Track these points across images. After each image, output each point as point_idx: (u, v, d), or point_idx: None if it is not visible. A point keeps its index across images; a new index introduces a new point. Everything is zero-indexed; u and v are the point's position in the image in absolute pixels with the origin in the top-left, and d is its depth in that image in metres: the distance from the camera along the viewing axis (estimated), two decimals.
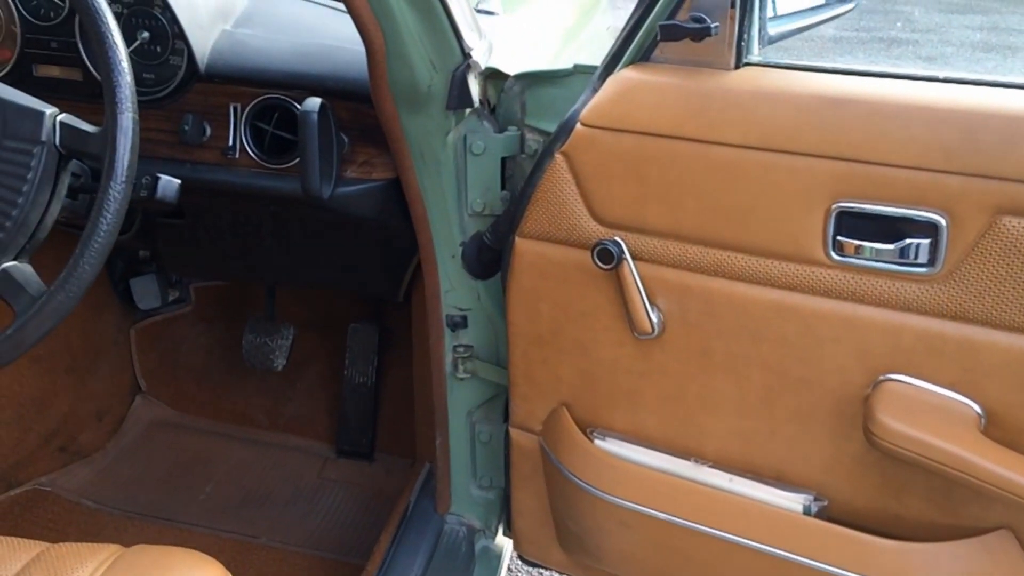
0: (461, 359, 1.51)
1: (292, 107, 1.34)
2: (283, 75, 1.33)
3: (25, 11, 1.36)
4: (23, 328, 1.02)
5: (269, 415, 2.12)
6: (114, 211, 1.03)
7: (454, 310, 1.47)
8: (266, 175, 1.37)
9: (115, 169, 1.02)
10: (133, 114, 1.03)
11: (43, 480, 1.86)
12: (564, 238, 1.25)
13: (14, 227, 1.04)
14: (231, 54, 1.35)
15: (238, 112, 1.36)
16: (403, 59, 1.17)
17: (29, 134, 1.03)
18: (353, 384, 2.01)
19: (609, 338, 1.27)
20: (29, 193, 1.03)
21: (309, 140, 1.24)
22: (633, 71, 1.16)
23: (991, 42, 6.83)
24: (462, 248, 1.42)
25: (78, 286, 1.02)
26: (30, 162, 1.03)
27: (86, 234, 1.02)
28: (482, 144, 1.33)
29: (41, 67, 1.39)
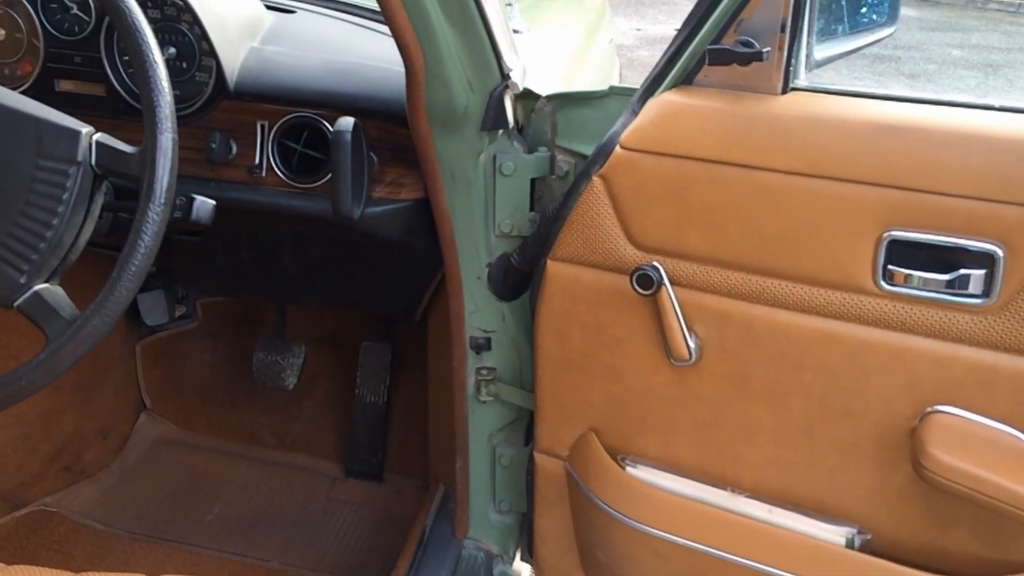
0: (484, 382, 1.48)
1: (322, 126, 1.31)
2: (314, 93, 1.30)
3: (49, 25, 1.33)
4: (56, 353, 0.99)
5: (276, 434, 2.09)
6: (152, 234, 1.00)
7: (478, 332, 1.45)
8: (293, 194, 1.34)
9: (154, 191, 0.99)
10: (173, 134, 1.01)
11: (48, 500, 1.82)
12: (598, 262, 1.23)
13: (48, 249, 1.01)
14: (261, 72, 1.32)
15: (265, 130, 1.33)
16: (441, 79, 1.15)
17: (65, 154, 1.00)
18: (364, 403, 1.98)
19: (643, 364, 1.25)
20: (64, 214, 1.00)
21: (342, 160, 1.22)
22: (676, 94, 1.14)
23: (971, 59, 6.90)
24: (488, 269, 1.40)
25: (114, 310, 0.99)
26: (65, 182, 1.00)
27: (124, 256, 0.99)
28: (512, 165, 1.31)
29: (63, 82, 1.36)
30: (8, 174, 1.00)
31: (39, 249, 1.00)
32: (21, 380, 0.99)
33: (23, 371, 0.99)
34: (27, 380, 0.99)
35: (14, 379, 0.99)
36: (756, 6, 1.05)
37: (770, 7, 1.04)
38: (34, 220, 1.00)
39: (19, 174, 1.00)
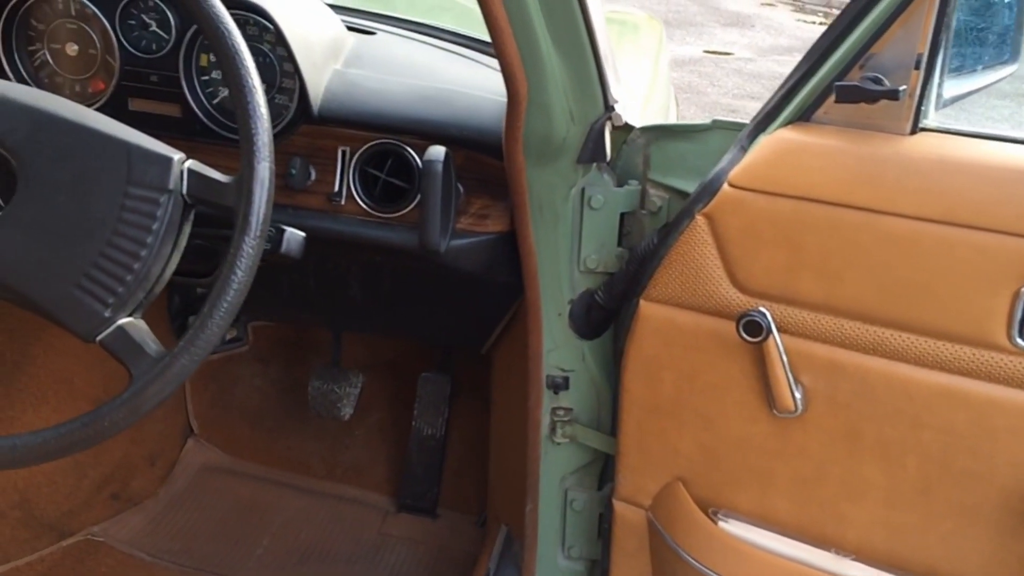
0: (560, 422, 1.42)
1: (406, 153, 1.25)
2: (402, 120, 1.25)
3: (126, 42, 1.28)
4: (141, 393, 0.93)
5: (326, 463, 2.03)
6: (246, 268, 0.94)
7: (556, 370, 1.38)
8: (374, 224, 1.28)
9: (250, 223, 0.93)
10: (270, 163, 0.95)
11: (95, 530, 1.76)
12: (697, 304, 1.17)
13: (135, 281, 0.95)
14: (345, 95, 1.27)
15: (346, 156, 1.28)
16: (543, 109, 1.10)
17: (156, 181, 0.95)
18: (421, 436, 1.91)
19: (740, 413, 1.18)
20: (153, 245, 0.95)
21: (432, 191, 1.16)
22: (793, 131, 1.08)
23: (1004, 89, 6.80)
24: (570, 306, 1.34)
25: (203, 348, 0.94)
26: (156, 212, 0.95)
27: (215, 293, 0.93)
28: (601, 198, 1.25)
29: (136, 101, 1.31)
30: (96, 201, 0.94)
31: (125, 281, 0.95)
32: (104, 420, 0.93)
33: (106, 411, 0.93)
34: (110, 420, 0.93)
35: (96, 418, 0.93)
36: (889, 40, 0.98)
37: (905, 42, 0.98)
38: (121, 251, 0.94)
39: (107, 202, 0.94)
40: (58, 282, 0.94)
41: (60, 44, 1.31)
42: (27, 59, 1.32)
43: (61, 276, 0.94)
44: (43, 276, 0.94)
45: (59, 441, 0.94)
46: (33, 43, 1.31)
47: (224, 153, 1.30)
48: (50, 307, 0.95)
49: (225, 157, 1.31)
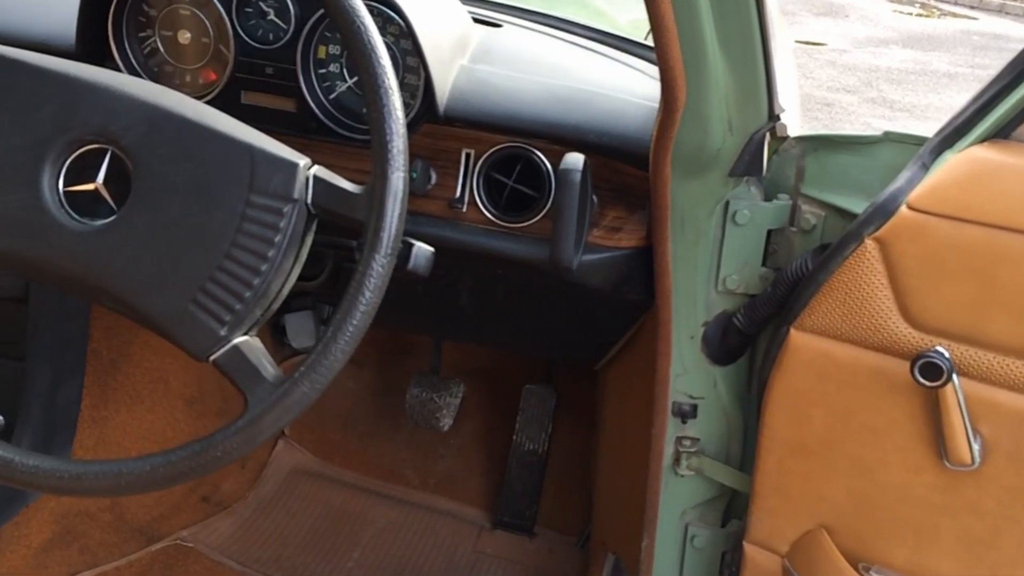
0: (685, 453, 1.30)
1: (537, 159, 1.15)
2: (535, 122, 1.14)
3: (242, 31, 1.20)
4: (257, 421, 0.85)
5: (419, 472, 1.94)
6: (375, 289, 0.85)
7: (684, 397, 1.27)
8: (497, 235, 1.18)
9: (381, 239, 0.84)
10: (404, 173, 0.86)
11: (184, 534, 1.71)
12: (858, 338, 1.04)
13: (254, 298, 0.86)
14: (473, 94, 1.17)
15: (470, 160, 1.18)
16: (700, 118, 0.98)
17: (280, 189, 0.86)
18: (522, 451, 1.82)
19: (902, 460, 1.06)
20: (275, 259, 0.86)
21: (568, 203, 1.05)
22: (988, 150, 0.95)
23: None
24: (704, 328, 1.22)
25: (326, 375, 0.85)
26: (279, 223, 0.86)
27: (341, 314, 0.84)
28: (748, 213, 1.13)
29: (249, 94, 1.23)
30: (216, 210, 0.86)
31: (244, 298, 0.86)
32: (216, 449, 0.85)
33: (220, 438, 0.85)
34: (223, 449, 0.85)
35: (209, 447, 0.85)
36: None
37: None
38: (241, 264, 0.86)
39: (227, 210, 0.86)
40: (172, 296, 0.86)
41: (172, 31, 1.24)
42: (137, 46, 1.25)
43: (175, 290, 0.86)
44: (156, 289, 0.87)
45: (167, 469, 0.86)
46: (144, 30, 1.24)
47: (340, 152, 1.22)
48: (162, 322, 0.87)
49: (340, 157, 1.22)
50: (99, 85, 0.89)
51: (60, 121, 0.88)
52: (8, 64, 0.90)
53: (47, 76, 0.89)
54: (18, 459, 0.86)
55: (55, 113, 0.88)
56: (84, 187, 0.89)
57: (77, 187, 0.89)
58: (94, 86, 0.89)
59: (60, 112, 0.88)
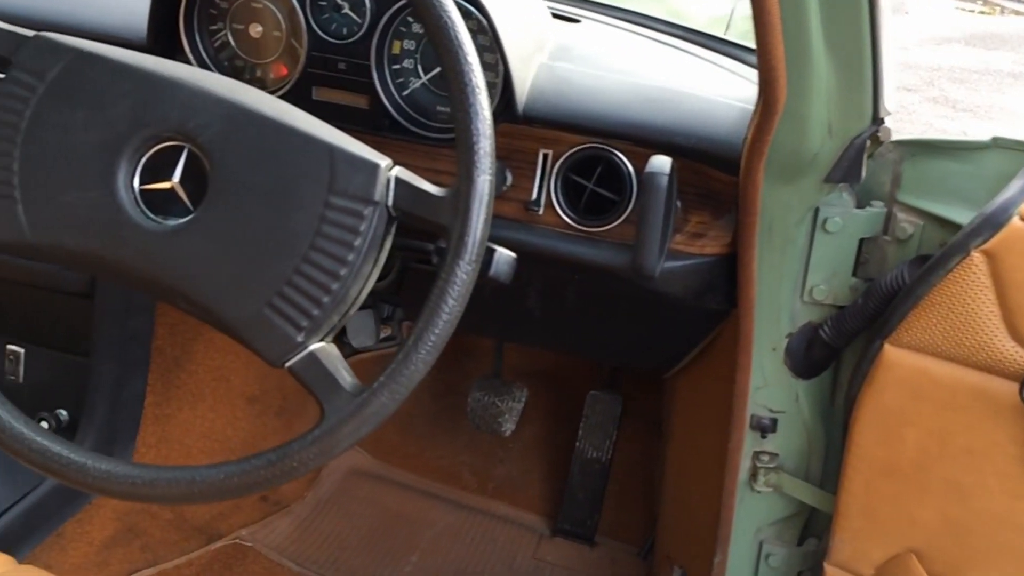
0: (763, 469, 1.25)
1: (618, 160, 1.10)
2: (619, 123, 1.09)
3: (316, 25, 1.17)
4: (334, 432, 0.82)
5: (477, 476, 1.91)
6: (459, 297, 0.81)
7: (763, 410, 1.22)
8: (574, 239, 1.14)
9: (465, 245, 0.81)
10: (491, 176, 0.82)
11: (243, 533, 1.69)
12: (960, 356, 0.98)
13: (332, 303, 0.83)
14: (554, 93, 1.12)
15: (548, 161, 1.14)
16: (798, 120, 0.93)
17: (361, 191, 0.83)
18: (585, 458, 1.77)
19: (1002, 485, 0.99)
20: (354, 264, 0.83)
21: (654, 207, 1.01)
22: None
23: None
24: (788, 340, 1.16)
25: (406, 385, 0.82)
26: (359, 226, 0.82)
27: (423, 322, 0.81)
28: (839, 221, 1.08)
29: (321, 90, 1.20)
30: (294, 211, 0.83)
31: (322, 303, 0.83)
32: (292, 459, 0.82)
33: (296, 447, 0.82)
34: (299, 460, 0.82)
35: (284, 456, 0.82)
36: None
37: None
38: (320, 268, 0.83)
39: (306, 212, 0.83)
40: (248, 300, 0.83)
41: (243, 25, 1.21)
42: (208, 40, 1.22)
43: (252, 294, 0.83)
44: (232, 293, 0.84)
45: (242, 478, 0.83)
46: (215, 23, 1.22)
47: (412, 151, 1.18)
48: (237, 327, 0.84)
49: (413, 155, 1.19)
50: (177, 80, 0.86)
51: (137, 117, 0.85)
52: (85, 58, 0.87)
53: (124, 71, 0.87)
54: (91, 463, 0.84)
55: (132, 109, 0.86)
56: (160, 185, 0.86)
57: (153, 185, 0.86)
58: (172, 81, 0.86)
59: (137, 108, 0.85)
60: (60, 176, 0.86)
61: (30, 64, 0.87)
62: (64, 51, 0.88)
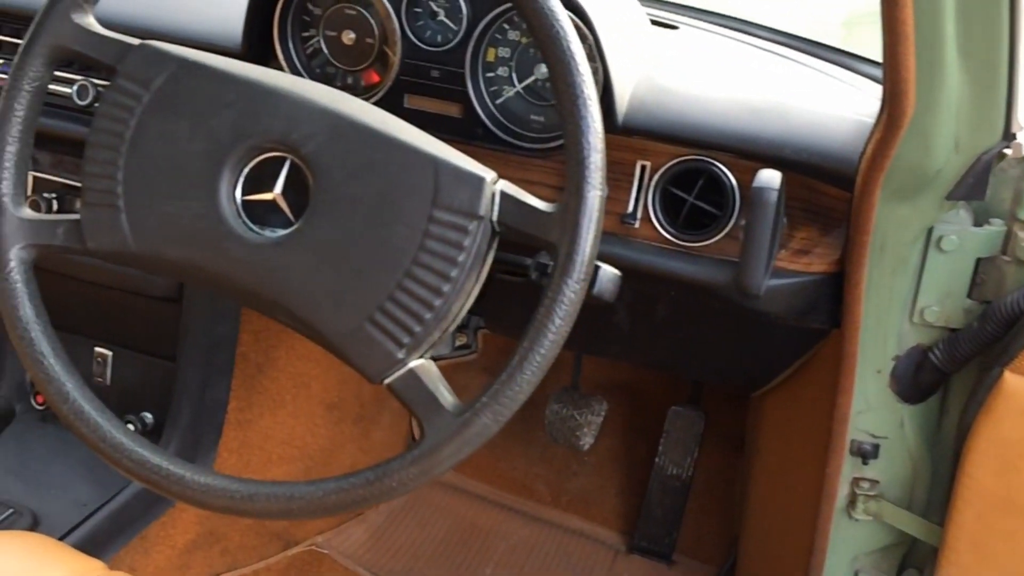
0: (863, 496, 1.20)
1: (721, 173, 1.06)
2: (724, 135, 1.05)
3: (411, 32, 1.15)
4: (434, 453, 0.80)
5: (551, 489, 1.88)
6: (566, 316, 0.79)
7: (865, 435, 1.17)
8: (672, 254, 1.10)
9: (574, 263, 0.78)
10: (601, 192, 0.79)
11: (319, 540, 1.69)
12: None
13: (434, 320, 0.81)
14: (655, 103, 1.09)
15: (646, 173, 1.10)
16: (923, 134, 0.88)
17: (466, 205, 0.80)
18: (665, 474, 1.73)
19: None
20: (458, 279, 0.81)
21: (762, 224, 0.96)
22: None
23: None
24: (894, 363, 1.11)
25: (509, 407, 0.79)
26: (463, 241, 0.80)
27: (528, 342, 0.79)
28: (956, 239, 1.02)
29: (413, 98, 1.18)
30: (397, 225, 0.81)
31: (424, 320, 0.81)
32: (392, 478, 0.80)
33: (395, 467, 0.80)
34: (398, 480, 0.80)
35: (384, 475, 0.81)
36: None
37: None
38: (422, 284, 0.81)
39: (409, 226, 0.81)
40: (349, 315, 0.82)
41: (336, 32, 1.20)
42: (300, 47, 1.22)
43: (353, 309, 0.82)
44: (333, 307, 0.82)
45: (339, 496, 0.82)
46: (308, 29, 1.21)
47: (504, 161, 1.16)
48: (337, 341, 0.83)
49: (504, 165, 1.16)
50: (280, 91, 0.85)
51: (240, 128, 0.84)
52: (189, 67, 0.87)
53: (228, 80, 0.86)
54: (189, 476, 0.84)
55: (235, 119, 0.84)
56: (262, 196, 0.85)
57: (254, 196, 0.85)
58: (275, 92, 0.85)
59: (241, 118, 0.84)
60: (163, 186, 0.85)
61: (136, 73, 0.87)
62: (169, 60, 0.87)
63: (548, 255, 0.87)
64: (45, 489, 1.36)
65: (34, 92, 0.90)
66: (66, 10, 0.89)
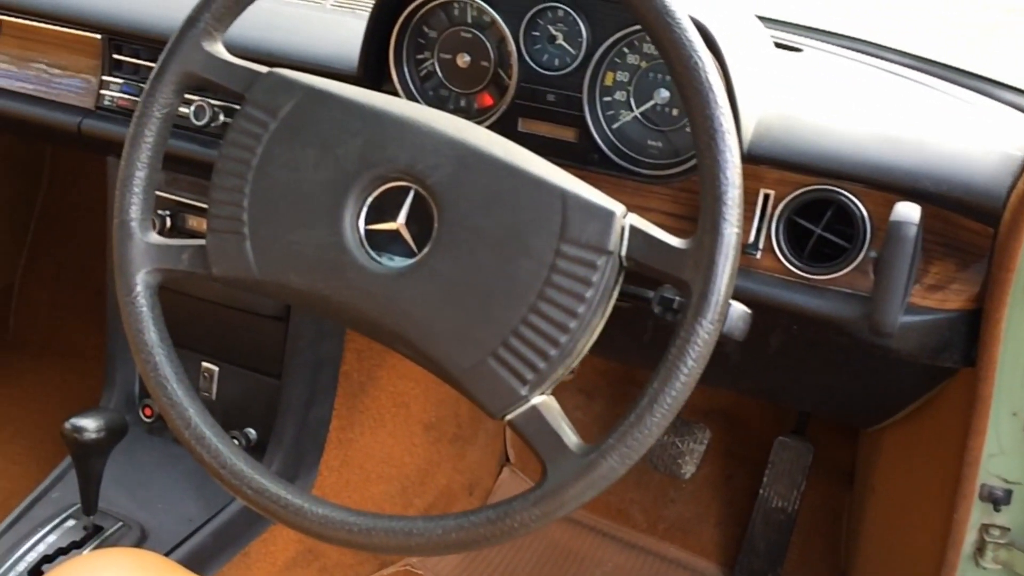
0: (992, 544, 1.13)
1: (850, 204, 1.02)
2: (858, 164, 1.01)
3: (528, 56, 1.13)
4: (558, 494, 0.77)
5: (647, 515, 1.84)
6: (699, 358, 0.76)
7: (997, 480, 1.10)
8: (796, 286, 1.05)
9: (709, 303, 0.75)
10: (739, 229, 0.76)
11: (413, 560, 1.68)
12: None
13: (559, 357, 0.79)
14: (781, 130, 1.05)
15: (769, 202, 1.06)
16: None
17: (595, 240, 0.78)
18: (769, 506, 1.68)
19: None
20: (584, 316, 0.79)
21: (900, 260, 0.92)
22: None
23: None
24: None
25: (638, 449, 0.77)
26: (591, 276, 0.78)
27: (659, 382, 0.76)
28: None
29: (527, 121, 1.16)
30: (523, 259, 0.79)
31: (549, 357, 0.79)
32: (514, 519, 0.78)
33: (517, 507, 0.78)
34: (520, 520, 0.78)
35: (505, 515, 0.79)
36: None
37: None
38: (548, 320, 0.79)
39: (537, 261, 0.79)
40: (472, 349, 0.80)
41: (450, 54, 1.19)
42: (414, 69, 1.21)
43: (476, 343, 0.80)
44: (455, 341, 0.81)
45: (460, 535, 0.80)
46: (422, 51, 1.20)
47: (619, 187, 1.13)
48: (458, 376, 0.81)
49: (619, 191, 1.13)
50: (407, 120, 0.84)
51: (367, 157, 0.83)
52: (316, 96, 0.86)
53: (354, 109, 0.85)
54: (307, 507, 0.83)
55: (362, 148, 0.84)
56: (385, 226, 0.84)
57: (378, 226, 0.84)
58: (401, 121, 0.84)
59: (367, 147, 0.84)
60: (288, 214, 0.85)
61: (263, 101, 0.87)
62: (296, 88, 0.87)
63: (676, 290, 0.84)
64: (152, 502, 1.38)
65: (164, 118, 0.92)
66: (197, 38, 0.90)
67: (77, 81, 1.42)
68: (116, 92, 1.40)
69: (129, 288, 0.90)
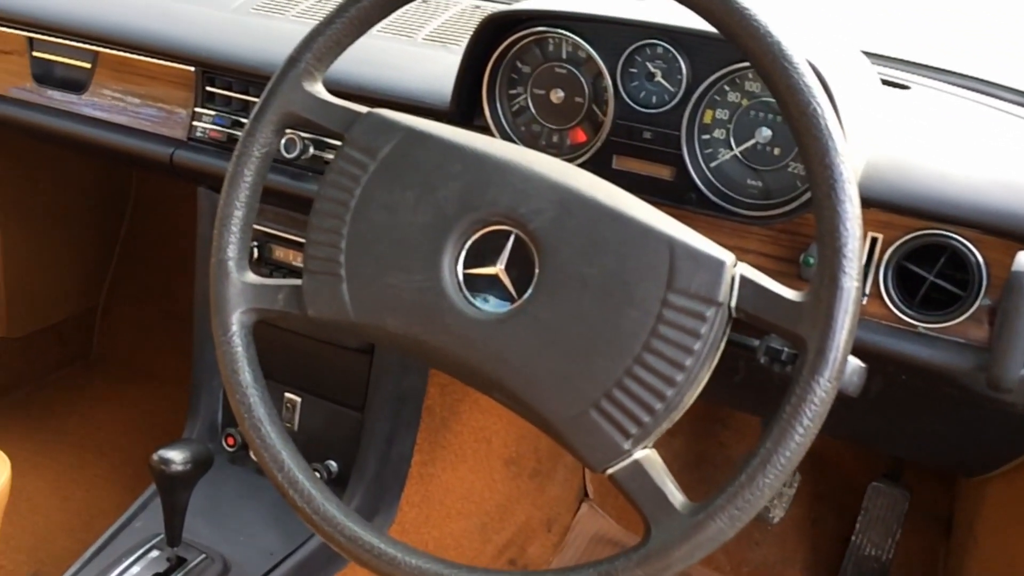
0: None
1: (965, 250, 0.97)
2: (974, 209, 0.96)
3: (625, 92, 1.11)
4: (663, 555, 0.75)
5: (731, 558, 1.79)
6: (815, 416, 0.72)
7: None
8: (904, 334, 1.01)
9: (826, 360, 0.71)
10: (859, 283, 0.72)
11: None
12: None
13: (665, 411, 0.77)
14: (891, 171, 1.01)
15: (877, 246, 1.02)
16: None
17: (704, 290, 0.75)
18: (861, 554, 1.61)
19: None
20: (692, 369, 0.76)
21: (1021, 314, 0.87)
22: None
23: None
24: None
25: (748, 511, 0.73)
26: (700, 328, 0.75)
27: (772, 442, 0.72)
28: None
29: (622, 159, 1.14)
30: (628, 308, 0.76)
31: (654, 411, 0.76)
32: None
33: (620, 566, 0.76)
34: None
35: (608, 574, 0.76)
36: None
37: None
38: (654, 373, 0.76)
39: (642, 311, 0.76)
40: (573, 400, 0.78)
41: (544, 90, 1.17)
42: (507, 104, 1.19)
43: (577, 394, 0.77)
44: (556, 390, 0.78)
45: None
46: (515, 87, 1.19)
47: (716, 227, 1.10)
48: (558, 426, 0.79)
49: (716, 232, 1.10)
50: (508, 163, 0.82)
51: (467, 200, 0.82)
52: (416, 137, 0.85)
53: (455, 151, 0.84)
54: (401, 556, 0.82)
55: (461, 191, 0.82)
56: (484, 271, 0.82)
57: (476, 270, 0.83)
58: (503, 164, 0.82)
59: (467, 191, 0.82)
60: (386, 257, 0.84)
61: (363, 142, 0.86)
62: (396, 129, 0.86)
63: (788, 343, 0.81)
64: (235, 534, 1.38)
65: (263, 157, 0.91)
66: (298, 79, 0.90)
67: (170, 113, 1.44)
68: (208, 124, 1.41)
69: (225, 328, 0.89)
